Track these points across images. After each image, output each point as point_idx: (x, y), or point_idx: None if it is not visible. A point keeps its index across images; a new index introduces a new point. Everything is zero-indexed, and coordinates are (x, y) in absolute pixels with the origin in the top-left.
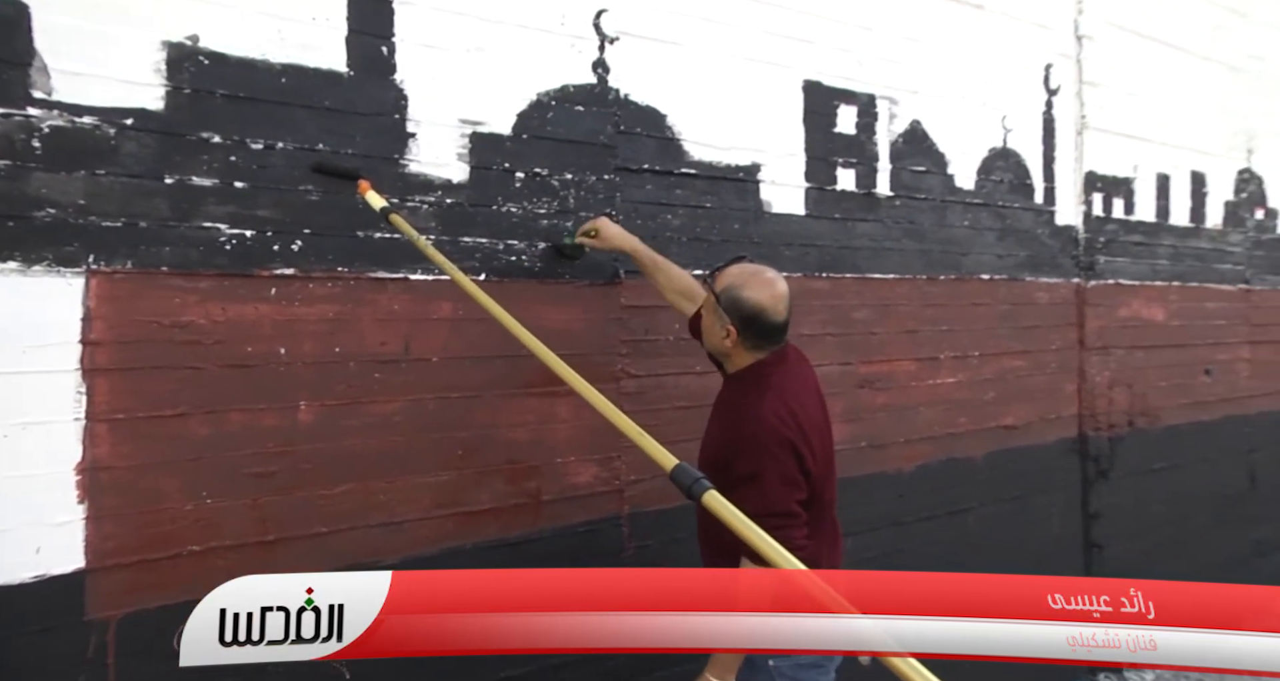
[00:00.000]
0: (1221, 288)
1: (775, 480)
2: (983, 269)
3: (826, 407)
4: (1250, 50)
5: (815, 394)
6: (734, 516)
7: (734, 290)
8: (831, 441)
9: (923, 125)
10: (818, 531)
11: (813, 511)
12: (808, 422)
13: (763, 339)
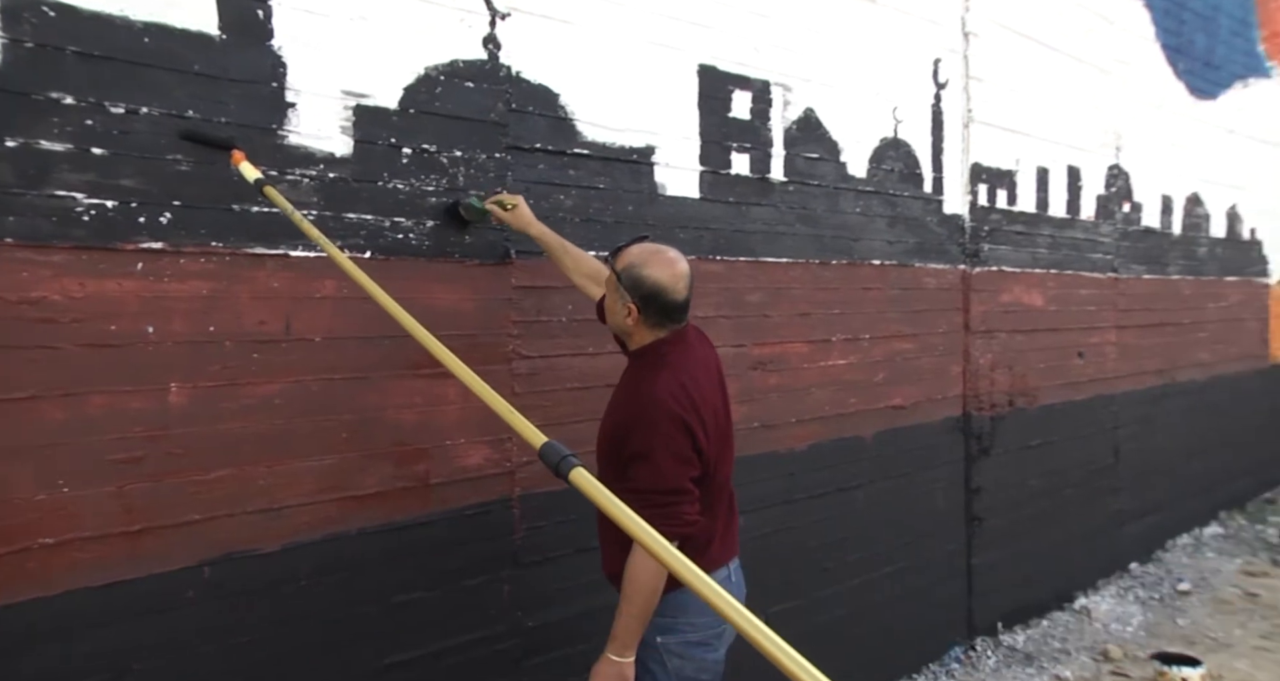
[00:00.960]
0: (1093, 275)
1: (667, 457)
2: (874, 254)
3: (726, 388)
4: (1117, 55)
5: (714, 374)
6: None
7: (635, 269)
8: (729, 421)
9: (816, 113)
10: (712, 509)
11: (707, 489)
12: (702, 401)
13: (663, 317)
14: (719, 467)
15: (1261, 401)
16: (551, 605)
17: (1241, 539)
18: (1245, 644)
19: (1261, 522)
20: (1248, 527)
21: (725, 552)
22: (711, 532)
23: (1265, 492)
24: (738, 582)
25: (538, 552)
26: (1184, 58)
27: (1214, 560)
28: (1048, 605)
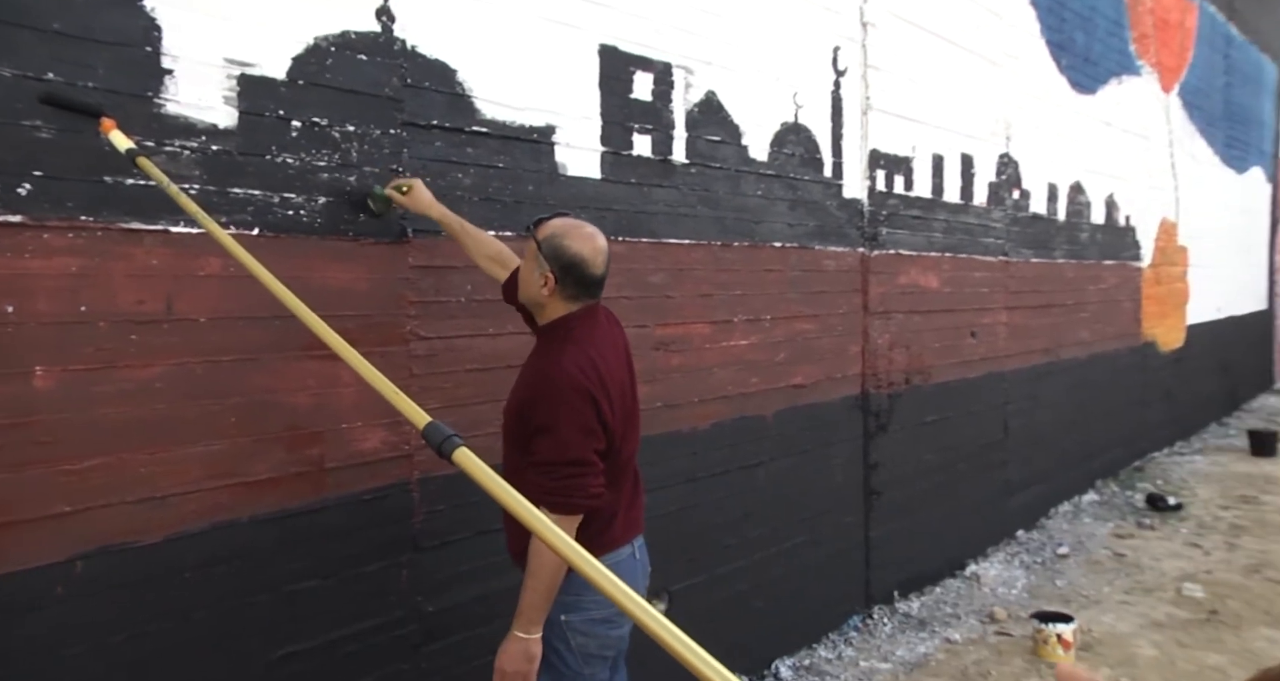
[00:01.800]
0: (985, 259)
1: (571, 429)
2: (775, 237)
3: (633, 368)
4: (1006, 48)
5: (622, 353)
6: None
7: (556, 239)
8: (635, 401)
9: (718, 96)
10: (616, 486)
11: (612, 465)
12: (609, 376)
13: (579, 289)
14: (624, 445)
15: (1134, 377)
16: (452, 589)
17: (1114, 504)
18: (1112, 600)
19: (1131, 489)
20: (1119, 494)
21: (629, 530)
22: (615, 509)
23: (1135, 461)
24: (642, 560)
25: (437, 536)
26: (1066, 54)
27: (1090, 525)
28: (941, 573)
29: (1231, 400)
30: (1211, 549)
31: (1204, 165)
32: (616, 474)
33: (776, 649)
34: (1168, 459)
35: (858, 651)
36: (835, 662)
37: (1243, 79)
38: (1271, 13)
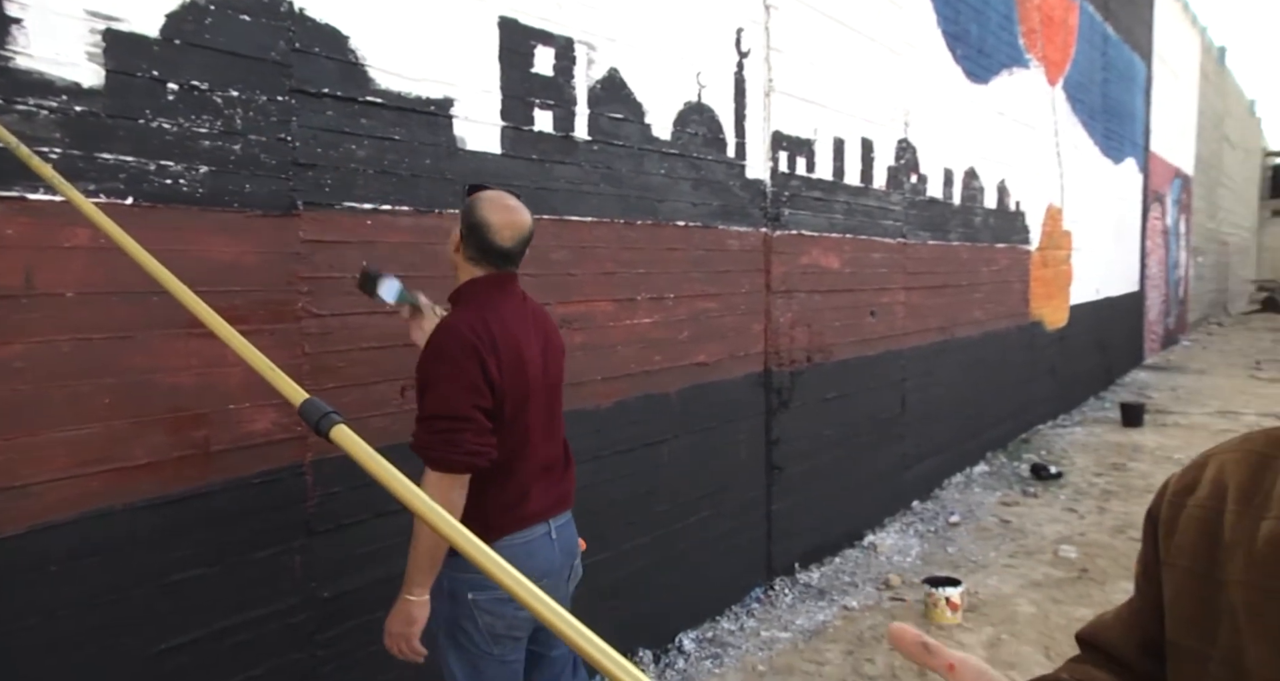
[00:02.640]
0: (884, 240)
1: (452, 383)
2: (678, 216)
3: (550, 341)
4: (905, 37)
5: (530, 322)
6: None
7: (473, 202)
8: (546, 373)
9: (621, 73)
10: (522, 459)
11: (510, 434)
12: (503, 335)
13: (479, 254)
14: (520, 413)
15: (1022, 354)
16: (347, 573)
17: (1002, 474)
18: (997, 563)
19: (1018, 459)
20: (1007, 464)
21: (546, 509)
22: (525, 487)
23: (1022, 433)
24: (562, 540)
25: (332, 520)
26: (961, 44)
27: (979, 494)
28: (840, 544)
29: (1107, 375)
30: (1085, 513)
31: (1085, 155)
32: (516, 445)
33: (680, 622)
34: (1051, 430)
35: (759, 622)
36: (737, 634)
37: (1118, 75)
38: (1140, 15)
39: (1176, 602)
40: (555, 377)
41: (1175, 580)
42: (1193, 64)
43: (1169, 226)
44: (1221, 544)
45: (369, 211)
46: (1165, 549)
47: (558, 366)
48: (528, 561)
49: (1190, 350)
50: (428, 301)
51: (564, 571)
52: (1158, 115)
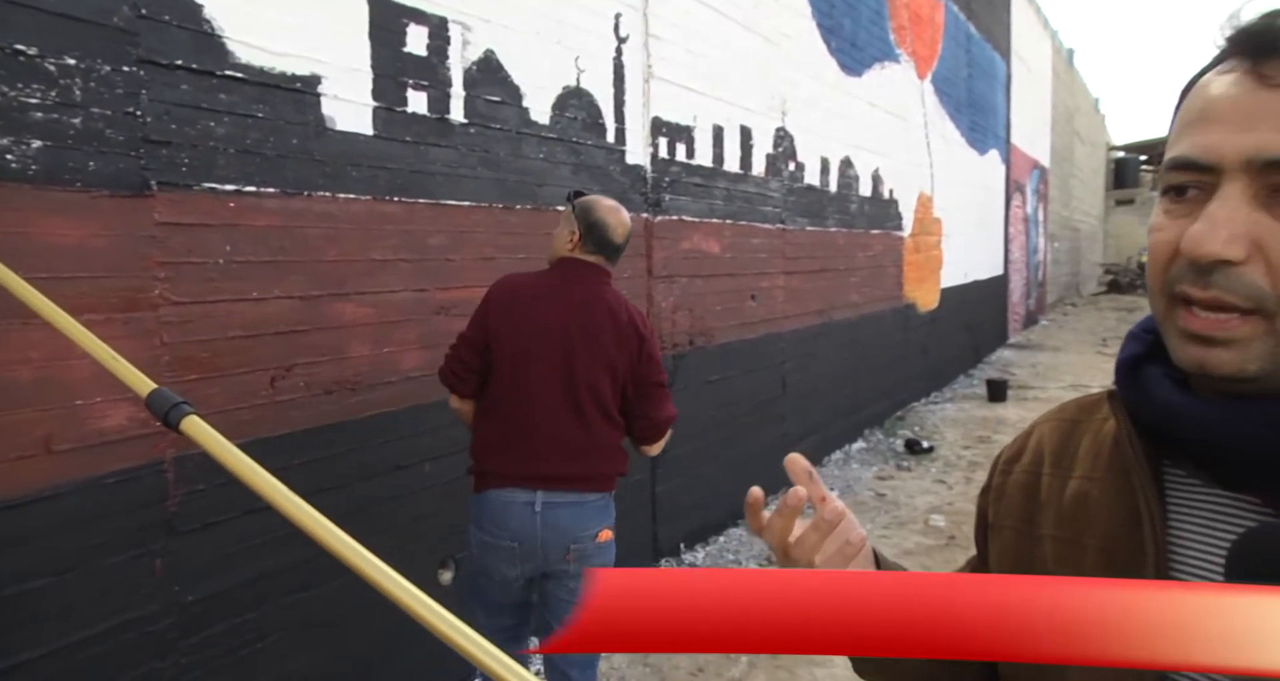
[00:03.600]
0: (764, 226)
1: (470, 320)
2: (558, 201)
3: (597, 322)
4: (781, 28)
5: (576, 299)
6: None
7: (586, 203)
8: (569, 344)
9: (497, 55)
10: (510, 418)
11: (502, 380)
12: (522, 296)
13: (598, 248)
14: (519, 368)
15: (896, 335)
16: (213, 575)
17: (878, 450)
18: (873, 535)
19: (893, 435)
20: (884, 440)
21: (528, 476)
22: (508, 439)
23: (897, 411)
24: (546, 515)
25: (196, 519)
26: (835, 37)
27: (857, 470)
28: (724, 523)
29: (975, 354)
30: (954, 483)
31: (953, 146)
32: (507, 393)
33: None
34: (924, 407)
35: None
36: None
37: (981, 72)
38: (999, 17)
39: (1002, 559)
40: (586, 359)
41: (1003, 539)
42: (1046, 64)
43: (1029, 214)
44: (1039, 503)
45: (231, 193)
46: (995, 513)
47: (595, 350)
48: (503, 520)
49: (1048, 329)
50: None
51: (545, 547)
52: (1017, 110)
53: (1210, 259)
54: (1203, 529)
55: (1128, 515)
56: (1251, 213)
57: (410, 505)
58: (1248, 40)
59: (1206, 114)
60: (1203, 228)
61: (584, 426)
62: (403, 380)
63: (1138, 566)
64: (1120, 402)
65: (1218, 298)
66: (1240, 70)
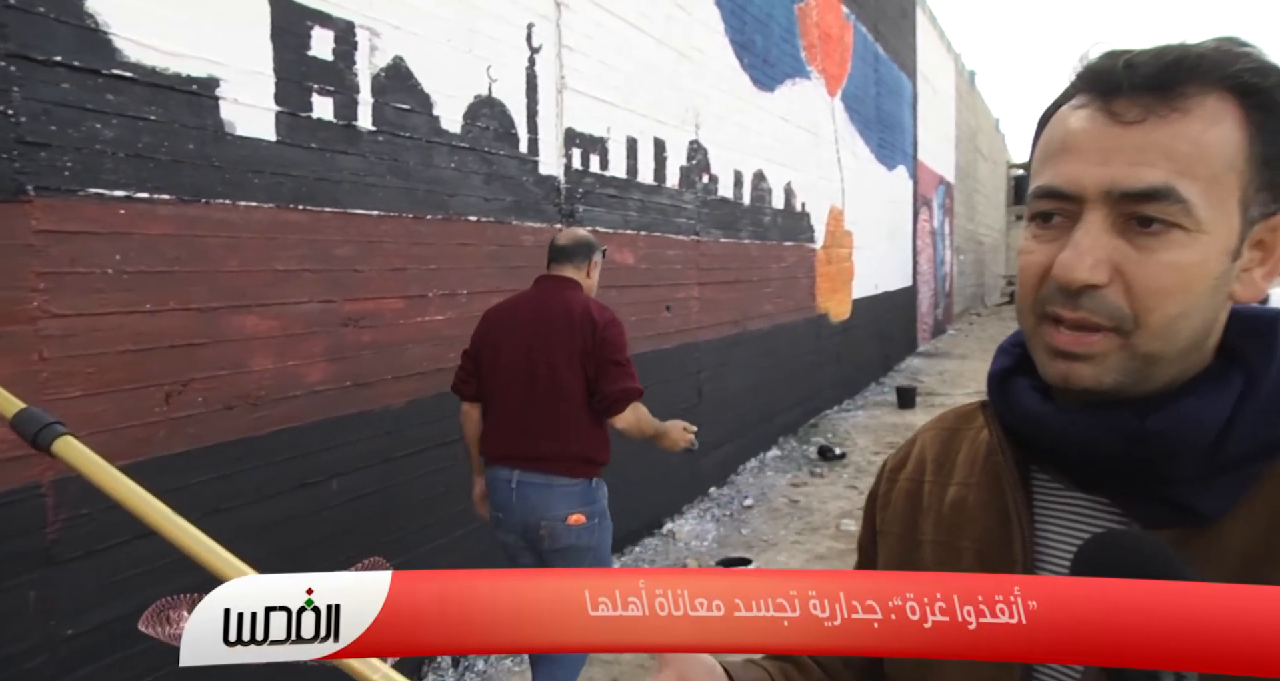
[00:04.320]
0: (678, 237)
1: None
2: (470, 211)
3: (554, 324)
4: (694, 42)
5: (531, 308)
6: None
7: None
8: (529, 347)
9: (407, 63)
10: (495, 407)
11: (486, 382)
12: (502, 311)
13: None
14: (494, 372)
15: (809, 344)
16: (99, 606)
17: (792, 457)
18: (786, 541)
19: (807, 443)
20: (797, 448)
21: (506, 457)
22: (495, 426)
23: (811, 419)
24: (521, 492)
25: (79, 546)
26: (748, 53)
27: (772, 477)
28: (640, 533)
29: (886, 362)
30: (864, 489)
31: (863, 161)
32: (490, 392)
33: None
34: (836, 415)
35: None
36: None
37: (888, 91)
38: (905, 39)
39: (887, 565)
40: (542, 349)
41: (888, 547)
42: (950, 84)
43: (936, 228)
44: (921, 509)
45: (121, 199)
46: (881, 520)
47: (549, 340)
48: (493, 494)
49: (955, 338)
50: None
51: (521, 520)
52: (923, 128)
53: (1080, 284)
54: (1065, 529)
55: (999, 518)
56: (1112, 240)
57: (317, 524)
58: (1096, 79)
59: (1068, 146)
60: (1071, 255)
61: (549, 409)
62: (308, 394)
63: (1008, 566)
64: (992, 412)
65: (1085, 318)
66: (1093, 106)
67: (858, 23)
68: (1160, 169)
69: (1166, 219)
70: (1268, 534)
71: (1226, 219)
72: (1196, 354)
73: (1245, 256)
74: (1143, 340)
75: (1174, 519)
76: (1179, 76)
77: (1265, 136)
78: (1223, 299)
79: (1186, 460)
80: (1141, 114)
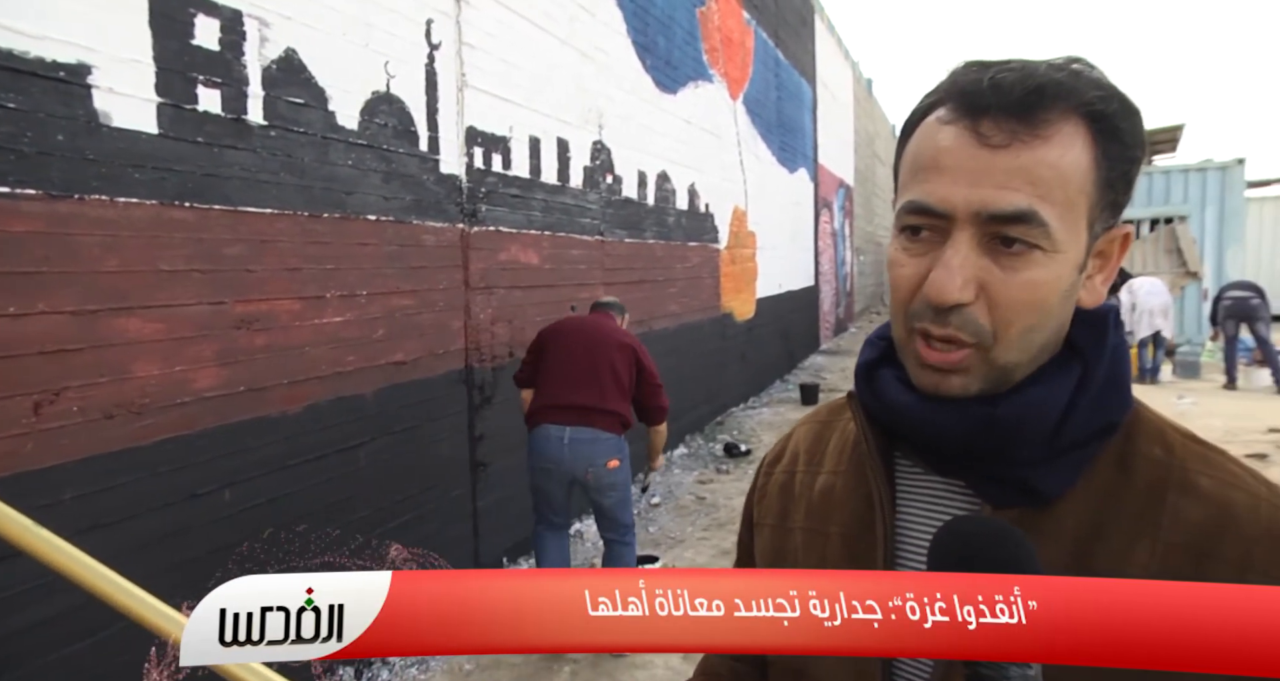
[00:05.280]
0: (583, 238)
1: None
2: (369, 209)
3: (601, 341)
4: (597, 43)
5: (586, 330)
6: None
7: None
8: (587, 349)
9: (300, 55)
10: (547, 383)
11: (543, 370)
12: (561, 324)
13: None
14: (553, 363)
15: (714, 343)
16: None
17: (699, 455)
18: (693, 537)
19: (713, 440)
20: (704, 446)
21: (560, 419)
22: (548, 401)
23: (717, 416)
24: (570, 444)
25: None
26: (650, 55)
27: (679, 475)
28: None
29: (790, 360)
30: None
31: (765, 164)
32: (545, 377)
33: None
34: (742, 412)
35: None
36: None
37: (789, 95)
38: (805, 46)
39: (762, 555)
40: (603, 350)
41: (763, 538)
42: (848, 91)
43: (836, 229)
44: (793, 499)
45: None
46: (758, 513)
47: (604, 350)
48: (538, 448)
49: (856, 336)
50: None
51: (571, 468)
52: (823, 132)
53: (951, 304)
54: (924, 511)
55: (864, 503)
56: (979, 259)
57: (209, 536)
58: (964, 97)
59: (939, 165)
60: (943, 275)
61: (597, 394)
62: (198, 400)
63: (870, 548)
64: (858, 403)
65: (952, 335)
66: (960, 124)
67: (759, 28)
68: (1024, 193)
69: (1028, 240)
70: (1098, 512)
71: (1077, 238)
72: (1046, 355)
73: (1088, 266)
74: (1000, 353)
75: (1019, 499)
76: (1042, 103)
77: (1108, 161)
78: (1071, 307)
79: (1031, 444)
80: (1007, 139)
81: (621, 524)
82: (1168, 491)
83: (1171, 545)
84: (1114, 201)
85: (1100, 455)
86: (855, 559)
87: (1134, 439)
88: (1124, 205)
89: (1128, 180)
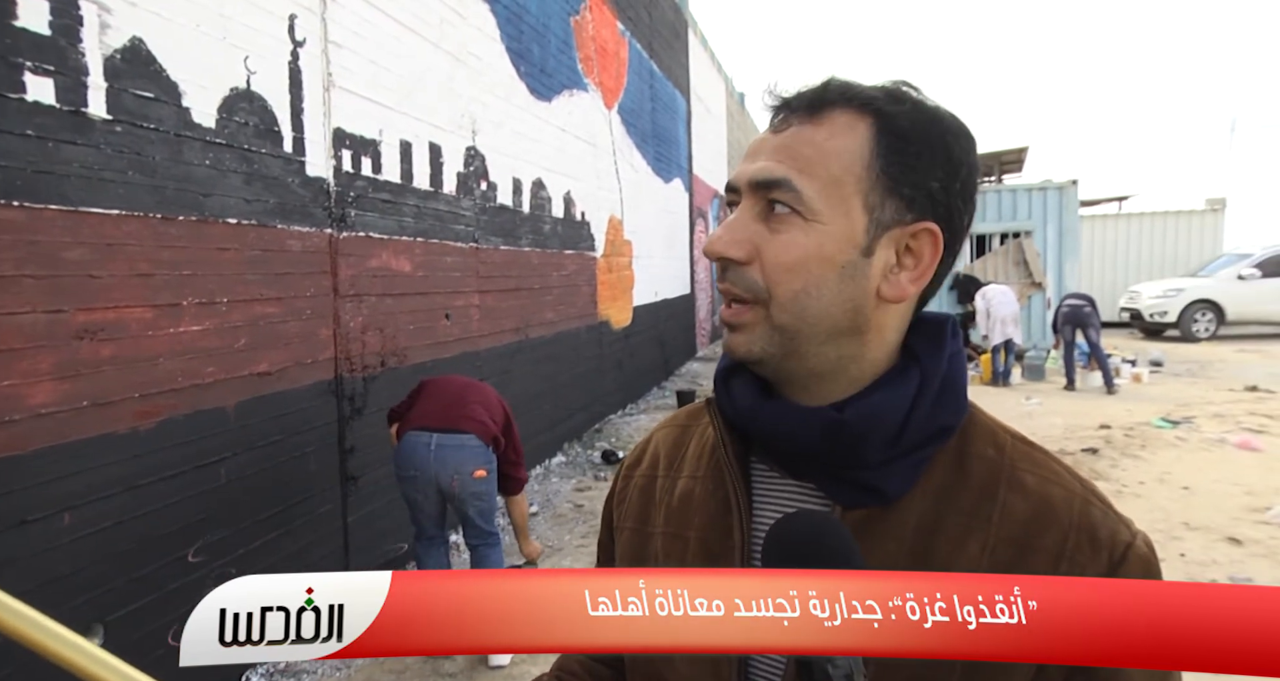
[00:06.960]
0: (457, 245)
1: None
2: (229, 212)
3: (482, 388)
4: (469, 47)
5: (468, 381)
6: None
7: None
8: (465, 388)
9: (148, 46)
10: (424, 400)
11: (414, 407)
12: (438, 378)
13: None
14: (431, 396)
15: (592, 350)
16: None
17: (577, 463)
18: (571, 545)
19: (591, 448)
20: (582, 453)
21: (426, 423)
22: (413, 416)
23: (595, 424)
24: (436, 451)
25: None
26: (524, 62)
27: (557, 483)
28: None
29: (667, 367)
30: None
31: (640, 174)
32: (420, 403)
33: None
34: (620, 419)
35: None
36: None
37: (664, 107)
38: (678, 59)
39: (623, 557)
40: (473, 395)
41: (623, 541)
42: (721, 104)
43: None
44: (654, 503)
45: None
46: (619, 515)
47: (480, 393)
48: (404, 455)
49: None
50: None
51: (437, 475)
52: (698, 144)
53: (718, 257)
54: (779, 514)
55: (722, 507)
56: (754, 223)
57: (44, 564)
58: (778, 103)
59: (745, 153)
60: (716, 233)
61: (461, 405)
62: (30, 418)
63: (728, 552)
64: (715, 408)
65: (729, 289)
66: (769, 123)
67: (633, 40)
68: (784, 165)
69: (788, 204)
70: (935, 508)
71: (845, 215)
72: (849, 342)
73: (885, 257)
74: (775, 312)
75: (866, 500)
76: (826, 98)
77: (887, 153)
78: (861, 291)
79: (875, 447)
80: (787, 126)
81: (486, 531)
82: (999, 488)
83: (1001, 538)
84: (903, 194)
85: (939, 455)
86: (714, 562)
87: (969, 440)
88: (921, 202)
89: (914, 176)
